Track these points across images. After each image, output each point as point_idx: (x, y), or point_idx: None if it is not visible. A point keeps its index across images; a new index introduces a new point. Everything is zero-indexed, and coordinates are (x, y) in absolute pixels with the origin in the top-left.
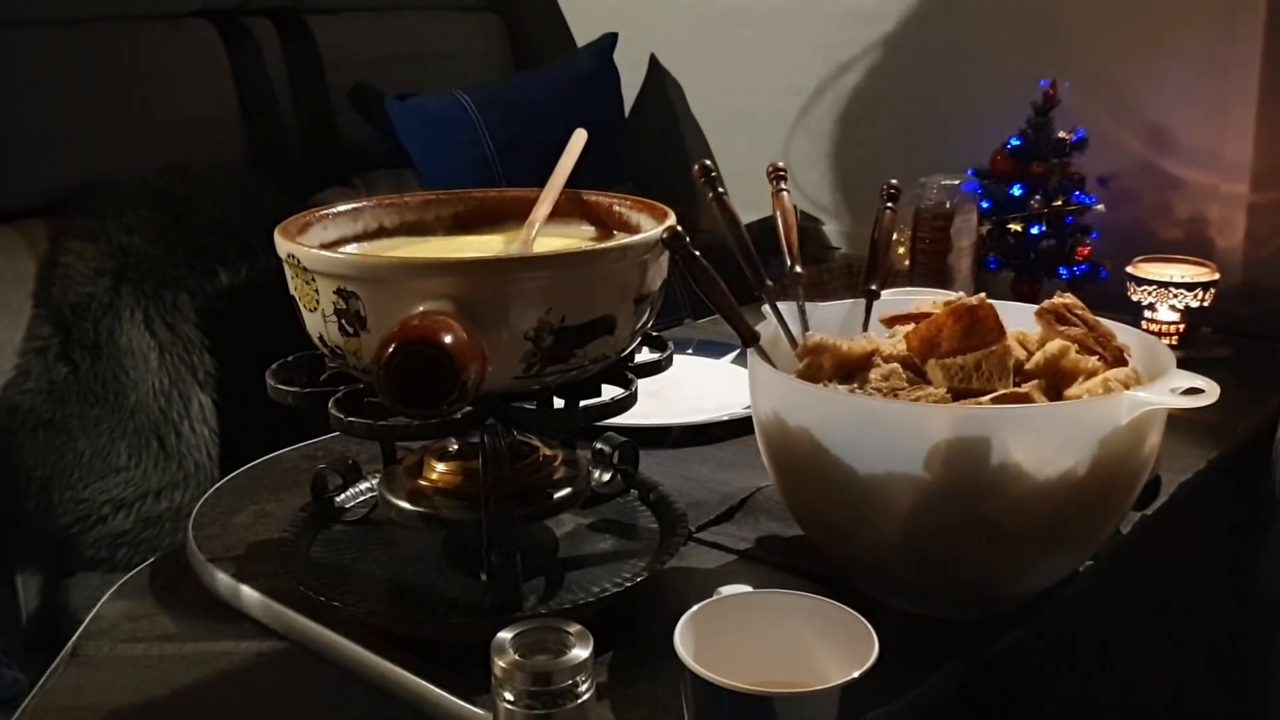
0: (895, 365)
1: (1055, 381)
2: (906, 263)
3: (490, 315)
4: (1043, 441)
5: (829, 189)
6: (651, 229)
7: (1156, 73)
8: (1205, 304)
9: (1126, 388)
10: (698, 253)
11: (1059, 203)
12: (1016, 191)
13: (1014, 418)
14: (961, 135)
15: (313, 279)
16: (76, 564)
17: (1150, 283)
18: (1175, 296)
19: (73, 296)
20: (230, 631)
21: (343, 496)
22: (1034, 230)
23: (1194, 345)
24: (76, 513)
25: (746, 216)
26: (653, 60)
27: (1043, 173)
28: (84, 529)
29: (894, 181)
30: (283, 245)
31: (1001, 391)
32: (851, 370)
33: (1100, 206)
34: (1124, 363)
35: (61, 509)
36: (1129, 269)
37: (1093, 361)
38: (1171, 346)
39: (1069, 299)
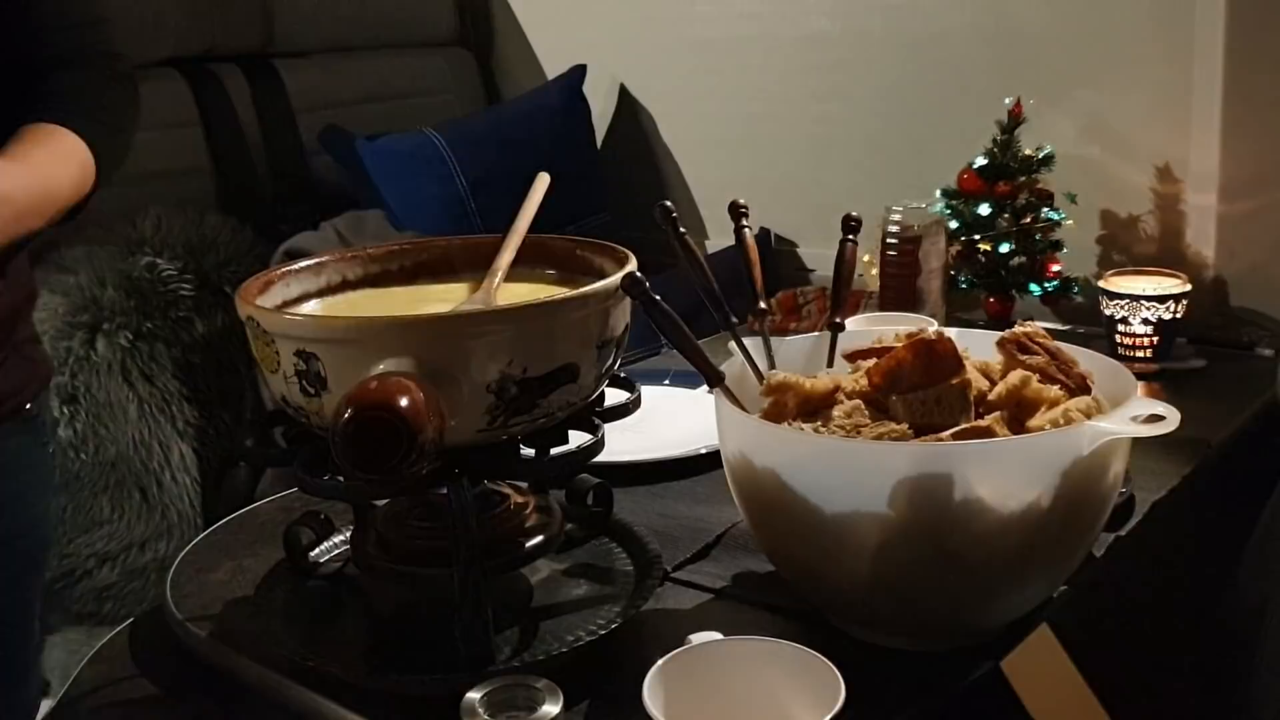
0: (858, 402)
1: (1018, 412)
2: (877, 286)
3: (451, 371)
4: (1005, 475)
5: (802, 212)
6: (614, 272)
7: (1121, 87)
8: (1178, 315)
9: (1088, 417)
10: (658, 296)
11: (1028, 220)
12: (985, 210)
13: (975, 453)
14: (929, 156)
15: (272, 341)
16: (63, 619)
17: (1122, 296)
18: (1147, 309)
19: (49, 351)
20: (209, 691)
21: (317, 551)
22: (1004, 248)
23: (1168, 357)
24: (62, 567)
25: (721, 241)
26: (622, 90)
27: (1010, 191)
28: (70, 583)
29: (854, 214)
30: (242, 308)
31: (963, 425)
32: (815, 408)
33: (1069, 222)
34: (1087, 390)
35: (46, 564)
36: (1100, 283)
37: (1055, 391)
38: (1145, 359)
39: (1030, 327)
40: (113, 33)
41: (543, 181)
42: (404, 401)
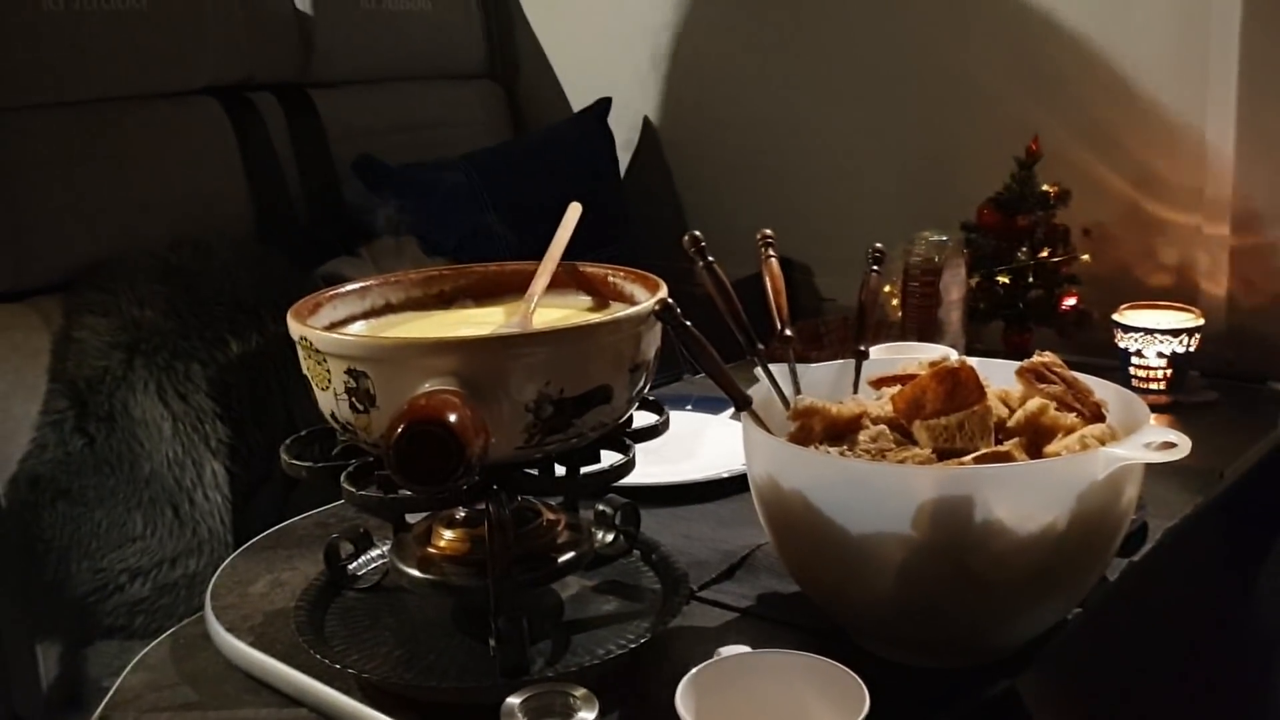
0: (883, 427)
1: (1035, 438)
2: (899, 315)
3: (492, 390)
4: (1023, 498)
5: (820, 241)
6: (645, 299)
7: (1137, 123)
8: (1191, 349)
9: (1102, 444)
10: (689, 323)
11: (1045, 254)
12: (1003, 244)
13: (995, 476)
14: (949, 190)
15: (324, 360)
16: (95, 632)
17: (1136, 329)
18: (1161, 342)
19: (87, 370)
20: (250, 699)
21: (355, 564)
22: (1021, 281)
23: (1181, 389)
24: (95, 582)
25: (743, 270)
26: (646, 122)
27: (1028, 225)
28: (102, 598)
29: (878, 245)
30: (295, 328)
31: (984, 450)
32: (841, 432)
33: (1085, 257)
34: (1102, 418)
35: (80, 578)
36: (1115, 316)
37: (1071, 418)
38: (1158, 391)
39: (1048, 357)
40: None
41: (575, 211)
42: (453, 417)
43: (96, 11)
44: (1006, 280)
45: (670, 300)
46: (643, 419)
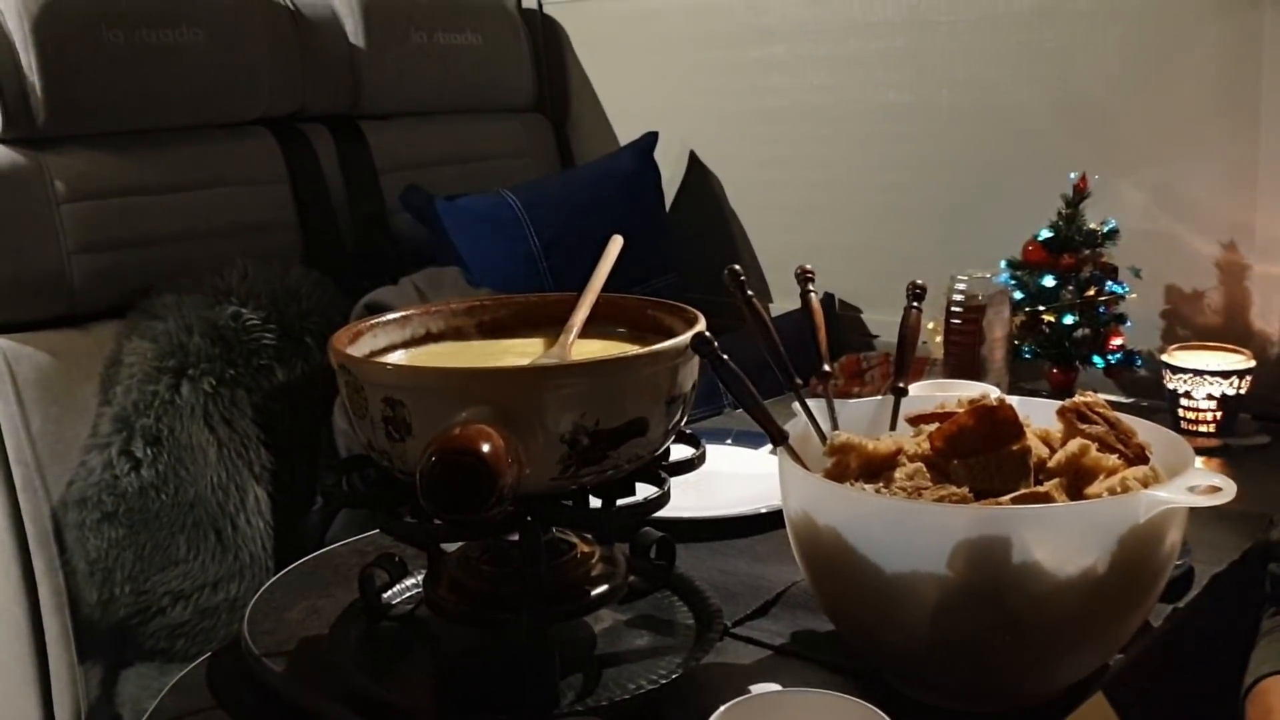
0: (919, 464)
1: (1076, 480)
2: (941, 354)
3: (527, 420)
4: (1062, 540)
5: (867, 278)
6: (683, 332)
7: (1187, 160)
8: (1241, 391)
9: (1145, 486)
10: (725, 356)
11: (1091, 292)
12: (1049, 282)
13: (1033, 517)
14: (994, 227)
15: (362, 388)
16: (136, 654)
17: (1185, 370)
18: (1211, 384)
19: (136, 394)
20: None
21: (390, 593)
22: (1067, 320)
23: (1231, 432)
24: (137, 604)
25: (786, 305)
26: (692, 157)
27: (1075, 263)
28: (144, 620)
29: (919, 281)
30: (334, 357)
31: (1022, 491)
32: (877, 469)
33: (1133, 295)
34: (1145, 460)
35: (123, 600)
36: (1163, 357)
37: (1113, 459)
38: (1208, 433)
39: (1090, 397)
40: None
41: (616, 244)
42: (486, 447)
43: (155, 44)
44: (1052, 319)
45: (707, 333)
46: (679, 452)
